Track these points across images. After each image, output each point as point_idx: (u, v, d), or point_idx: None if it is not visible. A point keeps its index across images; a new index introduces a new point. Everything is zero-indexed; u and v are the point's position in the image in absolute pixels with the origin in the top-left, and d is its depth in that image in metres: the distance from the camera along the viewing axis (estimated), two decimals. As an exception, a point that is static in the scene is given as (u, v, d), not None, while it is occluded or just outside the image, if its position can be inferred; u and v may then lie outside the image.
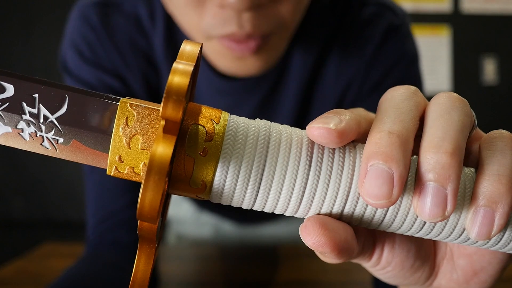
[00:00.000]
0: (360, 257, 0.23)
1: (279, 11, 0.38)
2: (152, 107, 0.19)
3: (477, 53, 2.11)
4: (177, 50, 0.48)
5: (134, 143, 0.19)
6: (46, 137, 0.20)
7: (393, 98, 0.20)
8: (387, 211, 0.20)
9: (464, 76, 2.10)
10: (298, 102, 0.51)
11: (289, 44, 0.47)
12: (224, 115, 0.20)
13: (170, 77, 0.18)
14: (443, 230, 0.20)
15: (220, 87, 0.48)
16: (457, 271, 0.24)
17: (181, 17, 0.40)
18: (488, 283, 0.23)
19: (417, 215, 0.19)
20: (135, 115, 0.19)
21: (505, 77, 2.12)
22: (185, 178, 0.19)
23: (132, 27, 0.49)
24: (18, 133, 0.20)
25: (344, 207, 0.20)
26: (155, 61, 0.50)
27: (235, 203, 0.20)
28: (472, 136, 0.22)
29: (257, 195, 0.19)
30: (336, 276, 0.57)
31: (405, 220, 0.20)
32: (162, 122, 0.17)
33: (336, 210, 0.20)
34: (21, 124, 0.20)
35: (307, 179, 0.19)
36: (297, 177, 0.19)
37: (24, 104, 0.19)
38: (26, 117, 0.20)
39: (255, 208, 0.20)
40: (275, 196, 0.19)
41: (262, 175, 0.19)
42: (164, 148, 0.17)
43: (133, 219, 0.49)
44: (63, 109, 0.20)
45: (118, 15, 0.49)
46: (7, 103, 0.19)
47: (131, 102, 0.19)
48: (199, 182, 0.19)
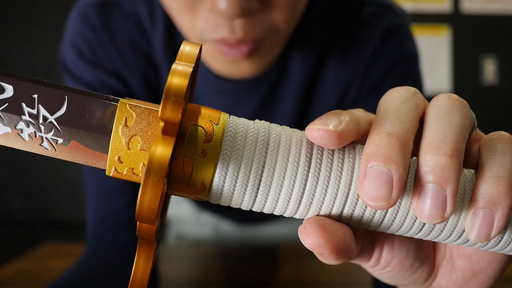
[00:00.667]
0: (359, 257, 0.23)
1: (271, 17, 0.38)
2: (151, 108, 0.19)
3: (477, 53, 2.11)
4: (177, 50, 0.48)
5: (133, 144, 0.19)
6: (45, 137, 0.20)
7: (392, 99, 0.20)
8: (386, 213, 0.20)
9: (464, 76, 2.11)
10: (298, 102, 0.51)
11: (288, 45, 0.47)
12: (224, 116, 0.20)
13: (169, 78, 0.17)
14: (442, 232, 0.20)
15: (219, 87, 0.48)
16: (456, 272, 0.24)
17: (176, 19, 0.40)
18: (487, 284, 0.23)
19: (416, 216, 0.19)
20: (134, 116, 0.19)
21: (505, 77, 2.12)
22: (184, 179, 0.19)
23: (132, 27, 0.49)
24: (18, 133, 0.20)
25: (343, 209, 0.20)
26: (155, 61, 0.50)
27: (234, 204, 0.20)
28: (472, 138, 0.22)
29: (256, 196, 0.19)
30: (336, 276, 0.57)
31: (404, 222, 0.20)
32: (161, 123, 0.17)
33: (335, 211, 0.20)
34: (21, 125, 0.20)
35: (306, 180, 0.19)
36: (296, 178, 0.19)
37: (23, 104, 0.19)
38: (26, 117, 0.20)
39: (254, 209, 0.20)
40: (274, 197, 0.19)
41: (261, 176, 0.19)
42: (163, 149, 0.17)
43: (133, 219, 0.49)
44: (63, 110, 0.20)
45: (118, 15, 0.49)
46: (7, 104, 0.19)
47: (131, 103, 0.19)
48: (198, 183, 0.19)
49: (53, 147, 0.20)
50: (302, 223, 0.20)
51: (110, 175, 0.20)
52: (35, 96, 0.19)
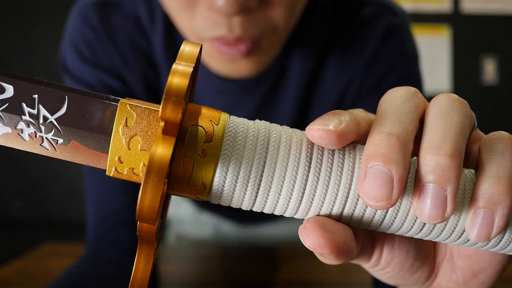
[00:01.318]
0: (359, 258, 0.23)
1: (270, 15, 0.38)
2: (152, 108, 0.19)
3: (477, 53, 2.11)
4: (177, 50, 0.48)
5: (134, 144, 0.19)
6: (45, 137, 0.20)
7: (392, 99, 0.20)
8: (386, 213, 0.20)
9: (464, 76, 2.10)
10: (298, 102, 0.51)
11: (287, 44, 0.47)
12: (224, 116, 0.20)
13: (169, 78, 0.17)
14: (442, 232, 0.20)
15: (219, 87, 0.48)
16: (456, 272, 0.24)
17: (174, 18, 0.40)
18: (488, 284, 0.23)
19: (416, 216, 0.19)
20: (135, 116, 0.19)
21: (505, 77, 2.12)
22: (185, 179, 0.19)
23: (131, 27, 0.49)
24: (18, 133, 0.20)
25: (343, 208, 0.20)
26: (155, 61, 0.50)
27: (234, 204, 0.20)
28: (472, 137, 0.22)
29: (257, 196, 0.19)
30: (336, 276, 0.57)
31: (404, 222, 0.20)
32: (161, 123, 0.17)
33: (336, 211, 0.20)
34: (21, 125, 0.20)
35: (307, 180, 0.19)
36: (296, 178, 0.19)
37: (23, 104, 0.19)
38: (26, 117, 0.20)
39: (254, 209, 0.20)
40: (275, 197, 0.19)
41: (262, 176, 0.19)
42: (163, 149, 0.17)
43: (133, 219, 0.49)
44: (63, 110, 0.20)
45: (118, 15, 0.49)
46: (7, 104, 0.19)
47: (131, 103, 0.19)
48: (199, 183, 0.19)
49: (54, 147, 0.20)
50: (302, 223, 0.20)
51: (111, 175, 0.20)
52: (36, 96, 0.19)
